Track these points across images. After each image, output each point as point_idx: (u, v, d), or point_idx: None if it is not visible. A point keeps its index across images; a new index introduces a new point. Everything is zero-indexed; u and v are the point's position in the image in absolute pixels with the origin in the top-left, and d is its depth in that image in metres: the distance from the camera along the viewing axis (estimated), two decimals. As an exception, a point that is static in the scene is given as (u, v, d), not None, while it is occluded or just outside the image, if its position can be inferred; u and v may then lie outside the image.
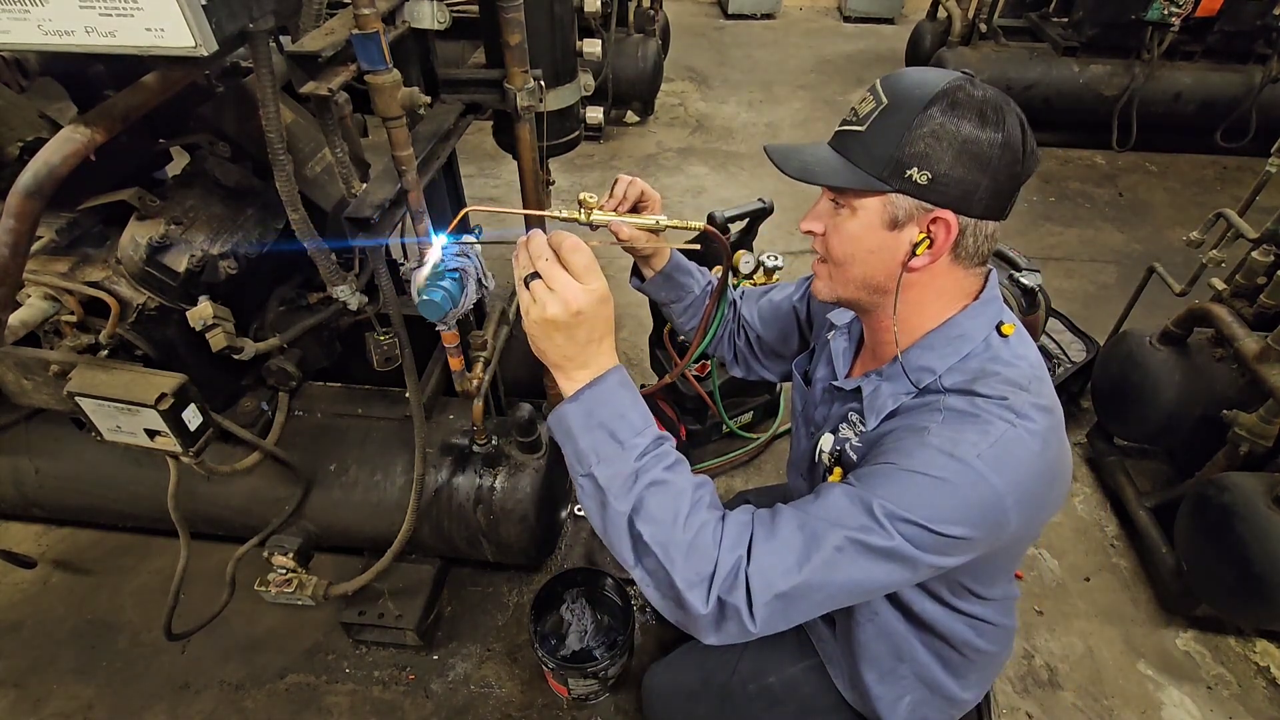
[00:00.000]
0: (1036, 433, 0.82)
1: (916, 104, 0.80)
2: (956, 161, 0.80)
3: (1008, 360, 0.89)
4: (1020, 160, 0.82)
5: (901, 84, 0.83)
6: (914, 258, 0.85)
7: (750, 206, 1.86)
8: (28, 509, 1.78)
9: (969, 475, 0.79)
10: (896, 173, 0.82)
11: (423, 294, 1.12)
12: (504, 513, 1.59)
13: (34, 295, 1.29)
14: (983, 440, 0.80)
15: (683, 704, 1.34)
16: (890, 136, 0.82)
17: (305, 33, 1.09)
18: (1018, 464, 0.81)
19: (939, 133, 0.80)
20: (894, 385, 0.94)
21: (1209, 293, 1.97)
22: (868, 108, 0.85)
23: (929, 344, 0.92)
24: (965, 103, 0.80)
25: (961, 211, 0.83)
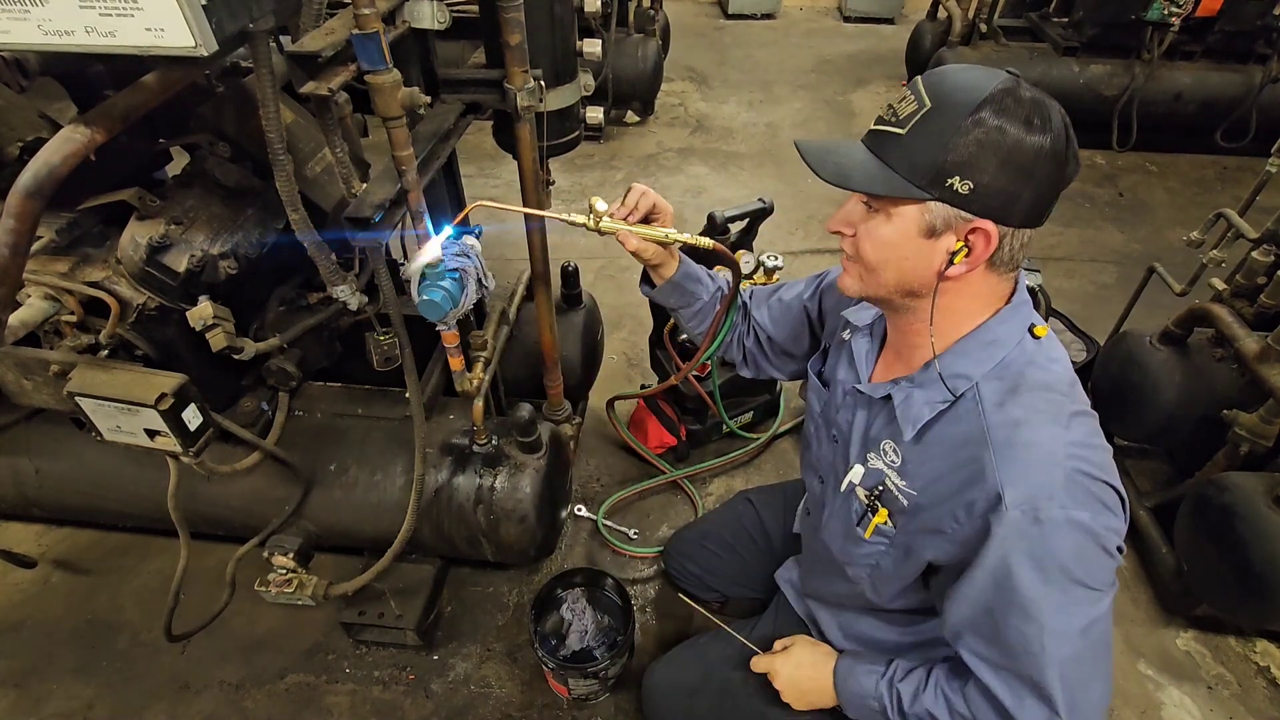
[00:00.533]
0: (1094, 465, 0.84)
1: (962, 109, 0.77)
2: (1000, 171, 0.77)
3: (1043, 364, 0.88)
4: (1064, 166, 0.80)
5: (945, 85, 0.80)
6: (950, 266, 0.84)
7: (750, 206, 1.86)
8: (28, 509, 1.78)
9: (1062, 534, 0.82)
10: (937, 181, 0.79)
11: (423, 294, 1.12)
12: (504, 513, 1.59)
13: (34, 295, 1.29)
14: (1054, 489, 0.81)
15: (683, 700, 1.35)
16: (932, 143, 0.78)
17: (305, 33, 1.09)
18: (1086, 493, 0.83)
19: (984, 141, 0.77)
20: (927, 393, 0.92)
21: (1209, 293, 1.97)
22: (909, 109, 0.81)
23: (963, 350, 0.90)
24: (1013, 110, 0.76)
25: (1001, 221, 0.81)
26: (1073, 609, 0.84)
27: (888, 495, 0.98)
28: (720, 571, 1.60)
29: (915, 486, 0.94)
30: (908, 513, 0.95)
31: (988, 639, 0.89)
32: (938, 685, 0.99)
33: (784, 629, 1.33)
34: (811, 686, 1.16)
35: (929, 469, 0.92)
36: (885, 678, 1.05)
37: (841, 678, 1.12)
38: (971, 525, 0.86)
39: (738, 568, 1.58)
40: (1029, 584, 0.83)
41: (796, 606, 1.37)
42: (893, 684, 1.04)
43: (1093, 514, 0.82)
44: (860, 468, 1.03)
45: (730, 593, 1.64)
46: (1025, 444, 0.83)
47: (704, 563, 1.61)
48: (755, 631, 1.37)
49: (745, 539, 1.58)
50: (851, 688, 1.10)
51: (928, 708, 0.98)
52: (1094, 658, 0.87)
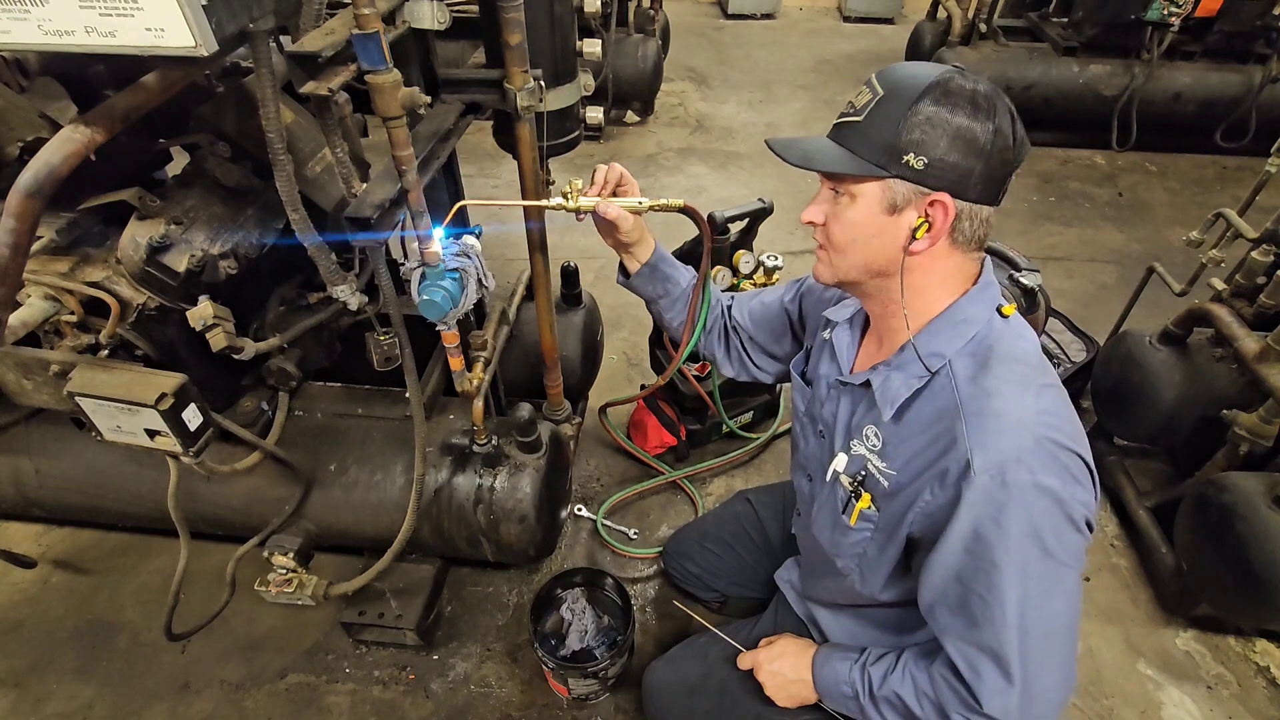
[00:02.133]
0: (1049, 411, 0.87)
1: (911, 93, 0.84)
2: (951, 147, 0.83)
3: (1011, 340, 0.92)
4: (1011, 147, 0.85)
5: (896, 75, 0.87)
6: (914, 241, 0.88)
7: (750, 206, 1.86)
8: (28, 509, 1.78)
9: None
10: (894, 159, 0.85)
11: (423, 294, 1.13)
12: (504, 513, 1.59)
13: (34, 295, 1.29)
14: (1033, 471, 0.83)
15: (683, 699, 1.35)
16: (887, 124, 0.85)
17: (305, 33, 1.09)
18: (1054, 460, 0.85)
19: (934, 119, 0.83)
20: (904, 373, 0.96)
21: (1209, 293, 1.97)
22: (865, 99, 0.88)
23: (935, 330, 0.94)
24: (958, 92, 0.83)
25: (957, 195, 0.86)
26: (1037, 579, 0.85)
27: (870, 479, 1.00)
28: (720, 571, 1.60)
29: (895, 466, 0.96)
30: (889, 494, 0.97)
31: (954, 609, 0.91)
32: (906, 667, 1.01)
33: (784, 629, 1.33)
34: (793, 678, 1.18)
35: (907, 447, 0.95)
36: (858, 663, 1.08)
37: (818, 665, 1.15)
38: (945, 494, 0.88)
39: (737, 567, 1.58)
40: (995, 547, 0.85)
41: (796, 607, 1.37)
42: (865, 668, 1.06)
43: (1061, 482, 0.84)
44: (844, 455, 1.05)
45: (730, 592, 1.64)
46: (995, 412, 0.86)
47: (703, 562, 1.62)
48: (755, 632, 1.38)
49: (745, 539, 1.58)
50: (826, 675, 1.12)
51: (895, 689, 1.00)
52: (1054, 636, 0.88)
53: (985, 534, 0.85)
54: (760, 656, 1.24)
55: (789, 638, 1.27)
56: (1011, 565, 0.84)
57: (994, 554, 0.85)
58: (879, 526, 1.01)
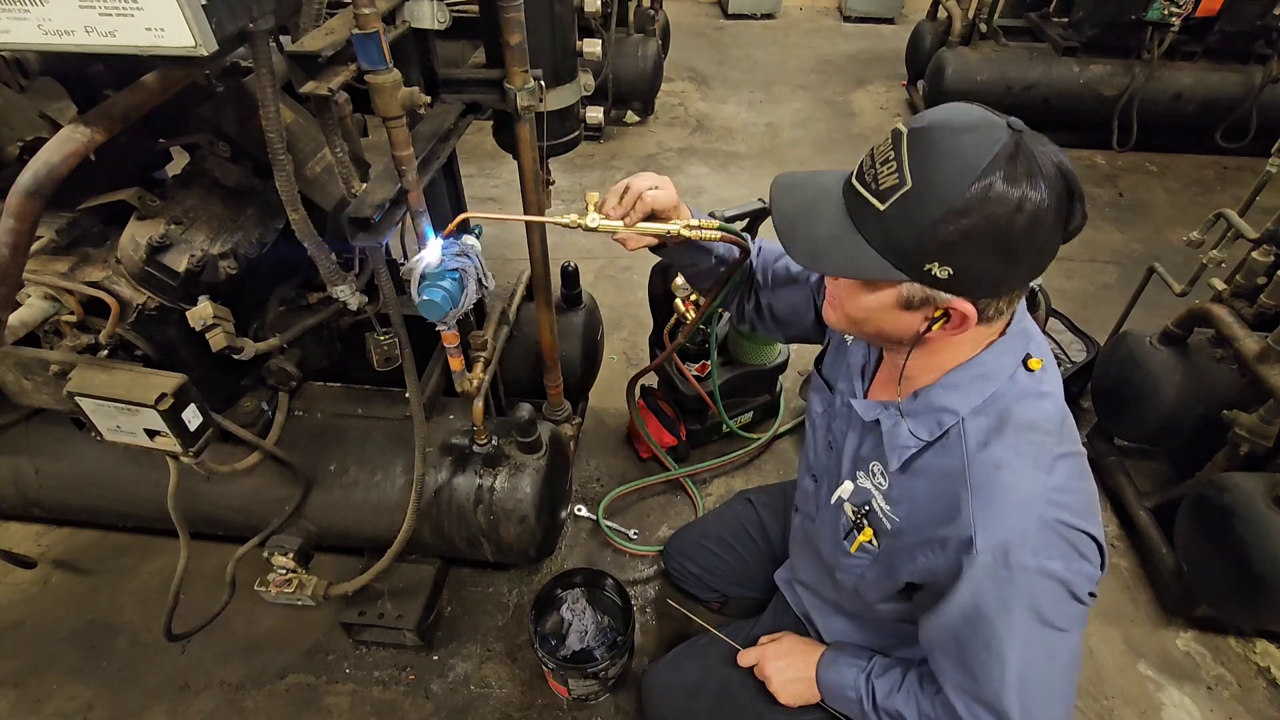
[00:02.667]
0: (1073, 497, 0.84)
1: (944, 198, 0.70)
2: (985, 257, 0.72)
3: (1033, 400, 0.86)
4: (1063, 231, 0.74)
5: (930, 162, 0.71)
6: (930, 330, 0.81)
7: (750, 206, 1.86)
8: (28, 509, 1.78)
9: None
10: (913, 265, 0.75)
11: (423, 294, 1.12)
12: (504, 513, 1.59)
13: (34, 295, 1.29)
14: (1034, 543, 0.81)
15: (683, 701, 1.35)
16: (911, 228, 0.72)
17: (305, 32, 1.09)
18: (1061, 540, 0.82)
19: (968, 231, 0.70)
20: (914, 423, 0.91)
21: (1209, 293, 1.97)
22: (889, 180, 0.74)
23: (952, 383, 0.88)
24: (1002, 194, 0.69)
25: (986, 296, 0.77)
26: (1038, 647, 0.85)
27: (874, 515, 0.98)
28: (720, 571, 1.60)
29: (899, 513, 0.94)
30: (891, 535, 0.96)
31: (954, 660, 0.91)
32: (910, 688, 1.01)
33: (783, 629, 1.33)
34: (798, 676, 1.18)
35: (912, 498, 0.92)
36: (864, 671, 1.08)
37: (824, 667, 1.15)
38: (945, 559, 0.86)
39: (737, 568, 1.58)
40: (996, 623, 0.83)
41: (795, 607, 1.37)
42: (870, 679, 1.06)
43: (1066, 562, 0.82)
44: (850, 484, 1.03)
45: (730, 592, 1.64)
46: (1003, 488, 0.82)
47: (703, 562, 1.61)
48: (754, 632, 1.37)
49: (745, 539, 1.58)
50: (832, 677, 1.13)
51: (898, 706, 1.01)
52: (1054, 690, 0.88)
53: (986, 609, 0.83)
54: (766, 653, 1.24)
55: (793, 636, 1.27)
56: (1013, 636, 0.83)
57: (995, 626, 0.84)
58: (878, 560, 1.00)
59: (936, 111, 0.75)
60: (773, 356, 2.16)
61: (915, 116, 0.76)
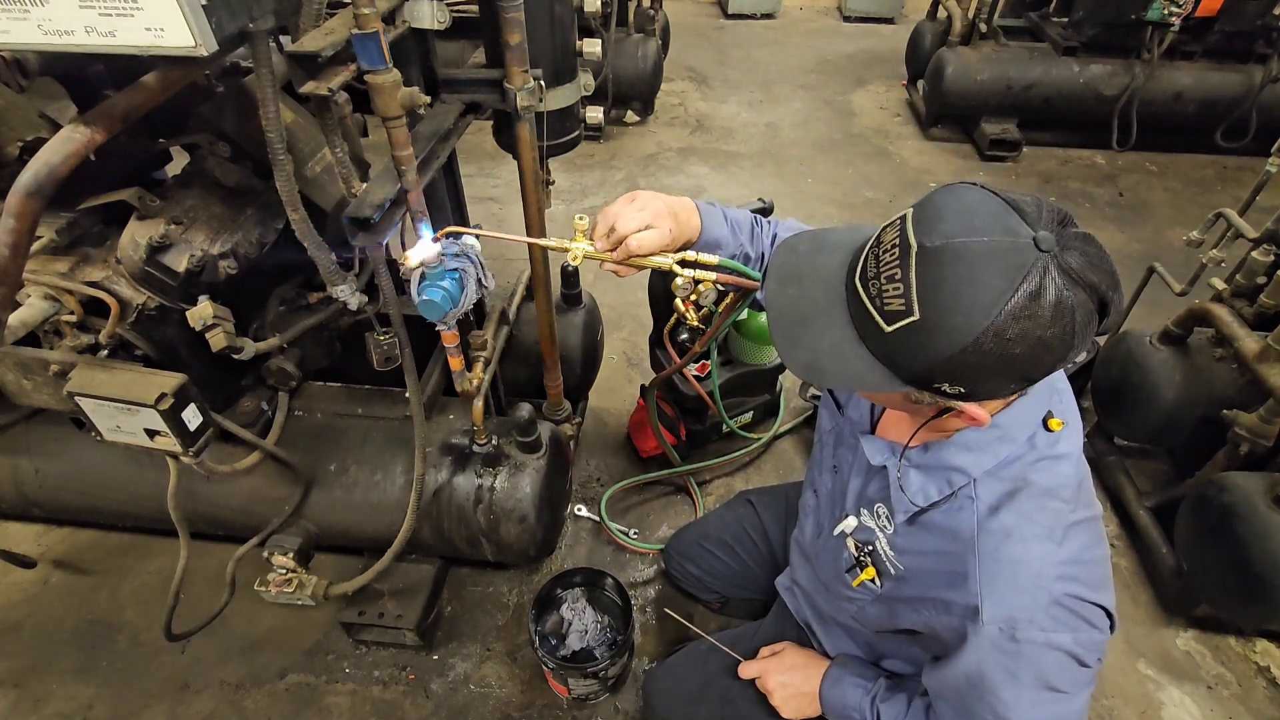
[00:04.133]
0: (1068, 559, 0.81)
1: (957, 340, 0.63)
2: (1001, 380, 0.69)
3: (1049, 464, 0.82)
4: (1088, 343, 0.68)
5: (942, 294, 0.63)
6: (939, 417, 0.81)
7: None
8: (28, 509, 1.78)
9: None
10: (922, 384, 0.71)
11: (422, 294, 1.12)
12: (504, 513, 1.59)
13: (34, 295, 1.29)
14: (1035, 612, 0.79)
15: (684, 708, 1.34)
16: (919, 358, 0.67)
17: (305, 32, 1.09)
18: (1071, 615, 0.80)
19: (982, 366, 0.65)
20: (923, 479, 0.87)
21: (1209, 293, 1.97)
22: (895, 304, 0.66)
23: (965, 443, 0.84)
24: (1026, 331, 0.62)
25: (993, 399, 0.76)
26: (1043, 708, 0.83)
27: (877, 557, 0.97)
28: (720, 574, 1.60)
29: (903, 563, 0.93)
30: (894, 579, 0.95)
31: (958, 712, 0.90)
32: (918, 716, 1.00)
33: (786, 636, 1.33)
34: (800, 691, 1.17)
35: (917, 551, 0.90)
36: (870, 694, 1.07)
37: (829, 684, 1.14)
38: (949, 621, 0.85)
39: (738, 570, 1.58)
40: (1001, 689, 0.82)
41: (796, 615, 1.36)
42: (875, 701, 1.05)
43: (1074, 635, 0.80)
44: (854, 519, 1.01)
45: (730, 594, 1.63)
46: (1012, 560, 0.79)
47: (704, 564, 1.61)
48: (756, 638, 1.37)
49: (746, 541, 1.58)
50: (836, 696, 1.12)
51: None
52: None
53: (991, 677, 0.82)
54: (768, 667, 1.23)
55: (795, 649, 1.26)
56: (1019, 704, 0.82)
57: (1000, 694, 0.82)
58: (879, 599, 0.99)
59: (951, 221, 0.65)
60: (773, 356, 2.16)
61: (925, 221, 0.66)
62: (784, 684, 1.19)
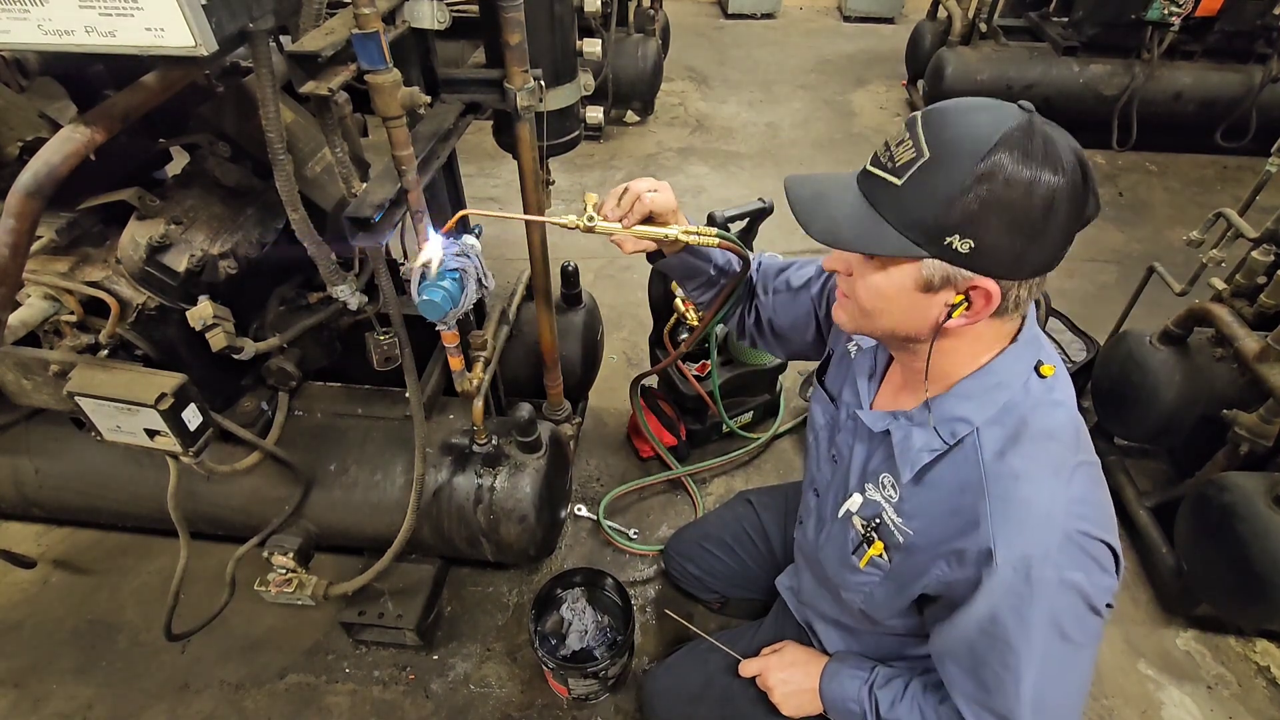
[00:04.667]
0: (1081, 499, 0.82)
1: (963, 164, 0.70)
2: (1006, 230, 0.72)
3: (1047, 409, 0.85)
4: (1080, 210, 0.74)
5: (946, 134, 0.72)
6: (949, 319, 0.80)
7: (750, 206, 1.86)
8: (27, 509, 1.78)
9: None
10: (934, 239, 0.74)
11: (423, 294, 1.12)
12: (504, 513, 1.59)
13: (34, 295, 1.29)
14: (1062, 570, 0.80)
15: (684, 708, 1.34)
16: (930, 199, 0.72)
17: (305, 32, 1.09)
18: (1091, 569, 0.82)
19: (987, 200, 0.70)
20: (926, 435, 0.90)
21: (1209, 292, 1.97)
22: (905, 155, 0.75)
23: (964, 392, 0.86)
24: (1020, 163, 0.69)
25: (1008, 277, 0.76)
26: (1055, 663, 0.84)
27: (884, 529, 0.96)
28: (720, 574, 1.60)
29: (912, 526, 0.92)
30: (903, 549, 0.94)
31: (967, 671, 0.90)
32: (914, 698, 1.00)
33: (786, 636, 1.33)
34: (800, 688, 1.18)
35: (926, 511, 0.91)
36: (867, 683, 1.07)
37: (827, 678, 1.14)
38: (963, 572, 0.85)
39: (738, 570, 1.58)
40: (1014, 636, 0.83)
41: (797, 614, 1.36)
42: (873, 689, 1.05)
43: (1087, 574, 0.81)
44: (859, 497, 1.01)
45: (730, 594, 1.63)
46: (1023, 500, 0.80)
47: (704, 564, 1.61)
48: (757, 638, 1.37)
49: (745, 541, 1.58)
50: (835, 689, 1.12)
51: (901, 717, 1.00)
52: (1069, 705, 0.87)
53: (1004, 621, 0.82)
54: (769, 664, 1.23)
55: (795, 646, 1.26)
56: (1030, 651, 0.82)
57: (1012, 639, 0.83)
58: (889, 575, 0.98)
59: (948, 100, 0.78)
60: (772, 357, 2.16)
61: (930, 107, 0.78)
62: (784, 681, 1.19)
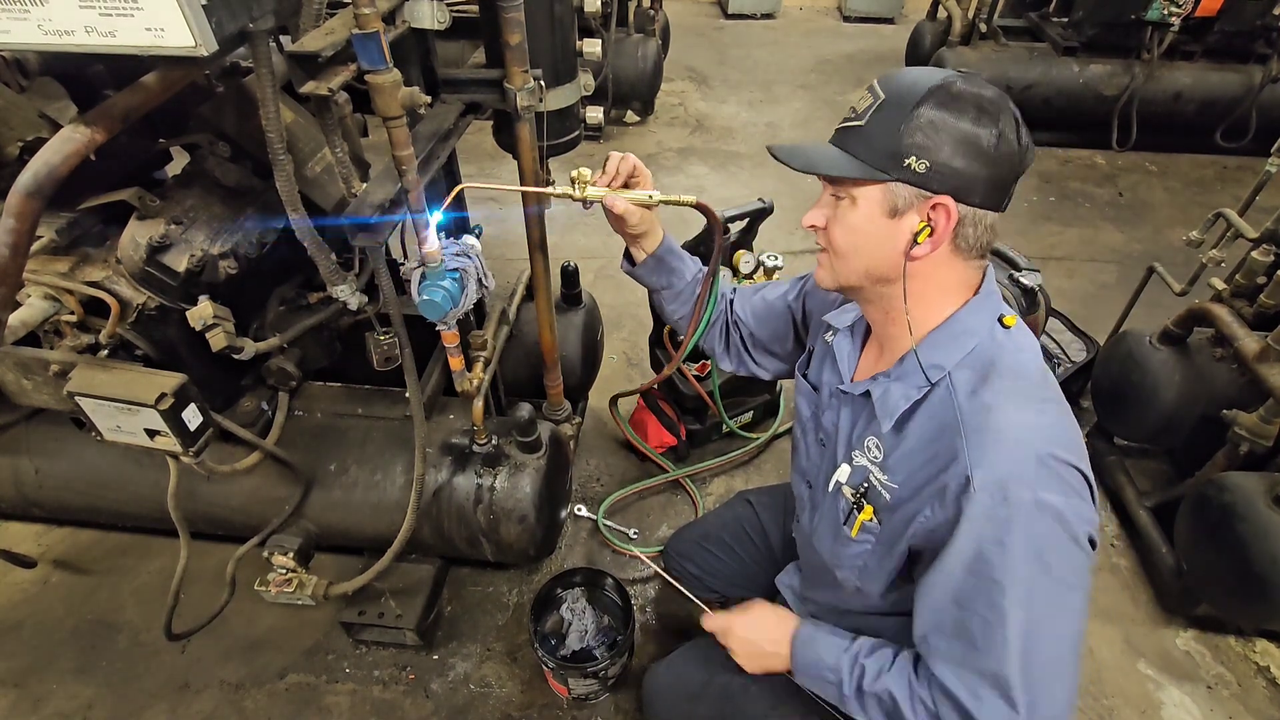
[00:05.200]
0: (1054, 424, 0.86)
1: (913, 97, 0.84)
2: (955, 152, 0.83)
3: (1013, 352, 0.91)
4: (1016, 152, 0.85)
5: (898, 80, 0.87)
6: (915, 246, 0.88)
7: (750, 206, 1.86)
8: (28, 509, 1.78)
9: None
10: (896, 162, 0.85)
11: (423, 293, 1.12)
12: (504, 513, 1.59)
13: (34, 295, 1.29)
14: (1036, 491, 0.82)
15: (684, 705, 1.34)
16: (889, 128, 0.85)
17: (305, 32, 1.09)
18: (1069, 501, 0.83)
19: (937, 123, 0.83)
20: (904, 385, 0.95)
21: (1209, 292, 1.97)
22: (866, 104, 0.89)
23: (935, 342, 0.94)
24: (961, 96, 0.83)
25: (960, 199, 0.85)
26: (1041, 602, 0.83)
27: (873, 491, 0.99)
28: (719, 573, 1.60)
29: (896, 480, 0.95)
30: (890, 507, 0.96)
31: (952, 634, 0.88)
32: (903, 668, 0.97)
33: None
34: (768, 649, 1.13)
35: (909, 461, 0.94)
36: (849, 651, 1.03)
37: (802, 643, 1.09)
38: (946, 511, 0.87)
39: (737, 570, 1.58)
40: (997, 566, 0.83)
41: (796, 612, 1.36)
42: (857, 659, 1.01)
43: (1064, 498, 0.83)
44: (846, 466, 1.04)
45: (730, 594, 1.63)
46: (996, 428, 0.85)
47: (703, 564, 1.61)
48: None
49: (745, 540, 1.58)
50: (809, 656, 1.07)
51: (889, 686, 0.96)
52: (1060, 661, 0.86)
53: (987, 553, 0.83)
54: (734, 622, 1.18)
55: (766, 606, 1.21)
56: (1015, 586, 0.82)
57: (996, 573, 0.83)
58: (880, 539, 0.99)
59: None
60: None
61: None
62: (748, 641, 1.16)
